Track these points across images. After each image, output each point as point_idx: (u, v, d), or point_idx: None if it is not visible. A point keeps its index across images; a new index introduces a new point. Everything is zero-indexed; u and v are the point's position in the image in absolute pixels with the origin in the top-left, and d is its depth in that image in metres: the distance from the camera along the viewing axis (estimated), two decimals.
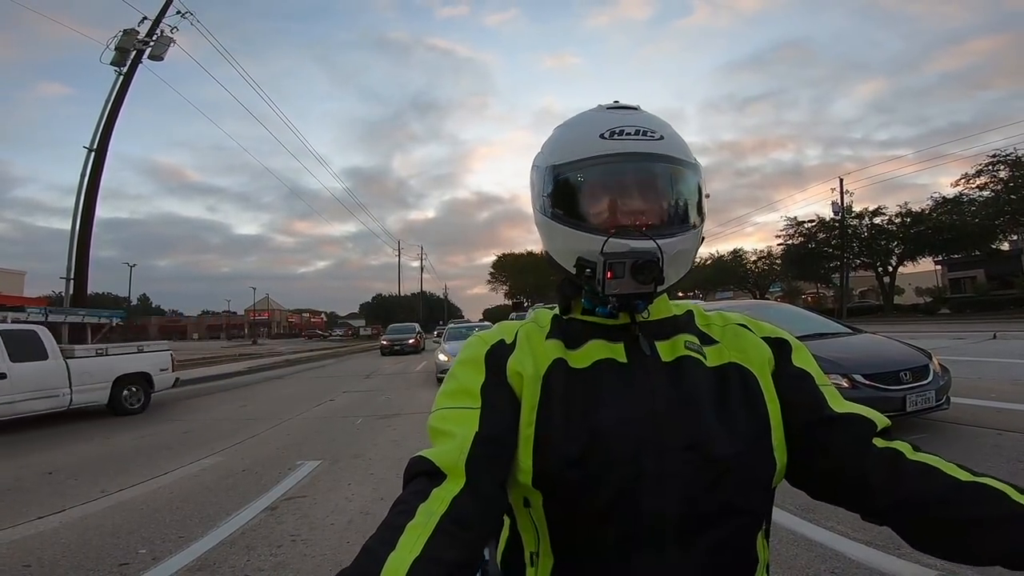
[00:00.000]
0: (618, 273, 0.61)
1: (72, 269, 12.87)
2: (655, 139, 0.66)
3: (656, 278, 0.61)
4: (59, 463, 5.21)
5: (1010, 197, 27.53)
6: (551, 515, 0.63)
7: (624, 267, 0.61)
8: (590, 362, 0.67)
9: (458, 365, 0.70)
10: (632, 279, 0.61)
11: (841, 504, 0.65)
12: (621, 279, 0.61)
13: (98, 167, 13.22)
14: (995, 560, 0.53)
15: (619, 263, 0.61)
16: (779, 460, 0.64)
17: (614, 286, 0.61)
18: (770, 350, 0.70)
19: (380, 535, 0.52)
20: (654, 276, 0.61)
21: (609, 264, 0.61)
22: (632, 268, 0.61)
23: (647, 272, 0.61)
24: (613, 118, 0.68)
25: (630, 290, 0.62)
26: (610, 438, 0.61)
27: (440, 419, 0.64)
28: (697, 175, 0.68)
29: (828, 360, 4.43)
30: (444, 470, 0.58)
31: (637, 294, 0.63)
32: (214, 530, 3.29)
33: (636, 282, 0.61)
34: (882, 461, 0.61)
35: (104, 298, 64.20)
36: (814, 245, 36.39)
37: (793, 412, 0.66)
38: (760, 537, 0.66)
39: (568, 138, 0.70)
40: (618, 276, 0.61)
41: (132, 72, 13.63)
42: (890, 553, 2.39)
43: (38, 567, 2.88)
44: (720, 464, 0.61)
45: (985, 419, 4.77)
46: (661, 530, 0.60)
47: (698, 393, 0.64)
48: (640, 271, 0.61)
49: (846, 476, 0.62)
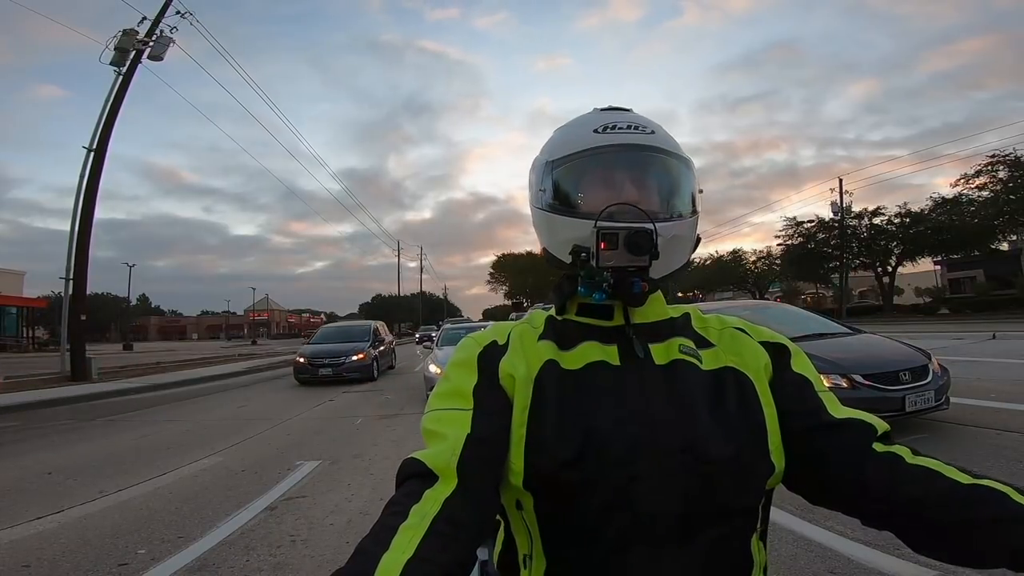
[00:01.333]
0: (611, 245, 0.61)
1: (71, 269, 12.88)
2: (646, 133, 0.69)
3: (650, 252, 0.61)
4: (58, 463, 5.20)
5: (1009, 197, 27.55)
6: (542, 517, 0.63)
7: (617, 238, 0.61)
8: (583, 364, 0.67)
9: (451, 366, 0.71)
10: (626, 251, 0.61)
11: (841, 509, 0.64)
12: (615, 250, 0.62)
13: (97, 167, 13.23)
14: (996, 562, 0.53)
15: (612, 234, 0.61)
16: (776, 463, 0.64)
17: (608, 258, 0.62)
18: (768, 355, 0.70)
19: (374, 536, 0.53)
20: (647, 250, 0.61)
21: (603, 235, 0.61)
22: (626, 240, 0.61)
23: (641, 245, 0.61)
24: (606, 116, 0.71)
25: (624, 262, 0.62)
26: (602, 440, 0.61)
27: (433, 421, 0.65)
28: (689, 169, 0.71)
29: (827, 360, 4.44)
30: (436, 472, 0.58)
31: (633, 270, 0.63)
32: (213, 530, 3.29)
33: (631, 255, 0.61)
34: (882, 466, 0.60)
35: (103, 298, 64.21)
36: (813, 245, 36.40)
37: (792, 418, 0.66)
38: (755, 539, 0.66)
39: (564, 137, 0.73)
40: (612, 248, 0.61)
41: (132, 72, 13.64)
42: (890, 553, 2.39)
43: (37, 567, 2.88)
44: (714, 466, 0.60)
45: (984, 419, 4.78)
46: (654, 532, 0.60)
47: (692, 396, 0.64)
48: (633, 244, 0.61)
49: (846, 481, 0.62)
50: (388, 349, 13.99)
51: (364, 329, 13.20)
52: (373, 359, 11.92)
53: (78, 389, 10.65)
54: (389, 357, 14.07)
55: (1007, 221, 28.56)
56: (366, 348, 11.89)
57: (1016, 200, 27.20)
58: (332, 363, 11.32)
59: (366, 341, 12.26)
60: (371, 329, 13.14)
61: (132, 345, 38.81)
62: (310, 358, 11.53)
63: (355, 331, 13.10)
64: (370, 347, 12.04)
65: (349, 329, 13.52)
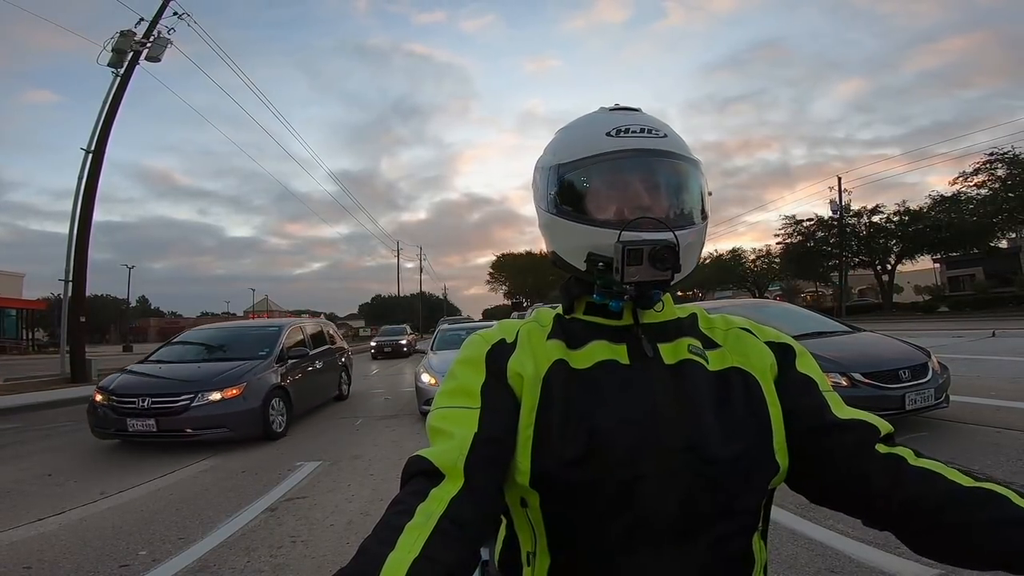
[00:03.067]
0: (636, 260, 0.62)
1: (71, 271, 12.86)
2: (659, 136, 0.68)
3: (673, 266, 0.62)
4: (59, 465, 5.21)
5: (1008, 195, 27.57)
6: (548, 515, 0.63)
7: (642, 254, 0.62)
8: (592, 363, 0.67)
9: (458, 364, 0.70)
10: (651, 267, 0.62)
11: (842, 509, 0.65)
12: (639, 266, 0.62)
13: (96, 168, 13.21)
14: (996, 564, 0.53)
15: (637, 250, 0.62)
16: (781, 463, 0.64)
17: (633, 273, 0.62)
18: (773, 355, 0.70)
19: (378, 535, 0.52)
20: (671, 264, 0.62)
21: (628, 251, 0.62)
22: (650, 255, 0.62)
23: (665, 260, 0.62)
24: (617, 118, 0.70)
25: (649, 277, 0.62)
26: (610, 439, 0.61)
27: (440, 419, 0.64)
28: (700, 172, 0.70)
29: (827, 359, 4.44)
30: (443, 470, 0.58)
31: (654, 283, 0.63)
32: (214, 531, 3.29)
33: (655, 269, 0.62)
34: (884, 467, 0.61)
35: (103, 300, 64.14)
36: (813, 244, 36.42)
37: (796, 418, 0.66)
38: (757, 538, 0.66)
39: (573, 138, 0.72)
40: (636, 263, 0.62)
41: (129, 73, 13.62)
42: (890, 552, 2.40)
43: (38, 568, 2.88)
44: (719, 466, 0.61)
45: (984, 417, 4.78)
46: (659, 530, 0.60)
47: (699, 396, 0.64)
48: (658, 259, 0.61)
49: (848, 481, 0.62)
50: (330, 364, 8.38)
51: (265, 335, 7.13)
52: (264, 396, 5.94)
53: (78, 391, 10.62)
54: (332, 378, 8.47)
55: (1006, 219, 28.57)
56: (248, 374, 5.98)
57: (1015, 198, 27.20)
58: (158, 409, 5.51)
59: (261, 358, 6.42)
60: (280, 334, 7.04)
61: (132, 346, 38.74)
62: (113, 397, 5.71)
63: (247, 338, 7.12)
64: (266, 370, 6.26)
65: (240, 333, 7.45)
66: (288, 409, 6.47)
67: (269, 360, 6.47)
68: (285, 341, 7.00)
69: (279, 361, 6.61)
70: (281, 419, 6.27)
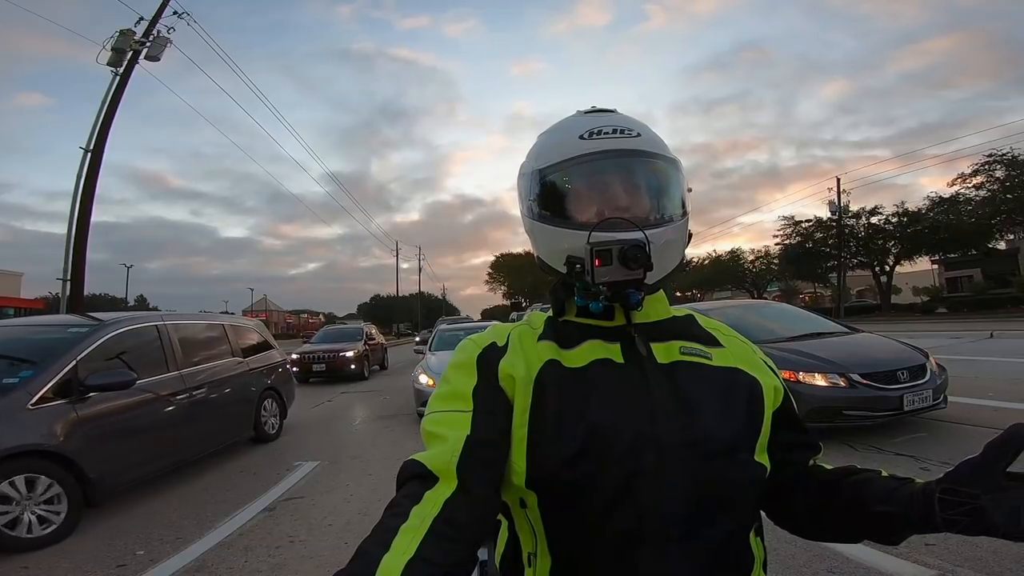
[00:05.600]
0: (606, 261, 0.61)
1: (68, 270, 12.82)
2: (632, 136, 0.68)
3: (645, 264, 0.61)
4: None
5: (1006, 196, 27.61)
6: (547, 515, 0.64)
7: (611, 255, 0.61)
8: (586, 362, 0.67)
9: (450, 369, 0.71)
10: (621, 266, 0.61)
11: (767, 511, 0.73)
12: (610, 267, 0.61)
13: (94, 168, 13.17)
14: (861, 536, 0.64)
15: (606, 251, 0.61)
16: (766, 464, 0.67)
17: (603, 274, 0.62)
18: (779, 381, 0.73)
19: (374, 537, 0.53)
20: (642, 263, 0.61)
21: (597, 252, 0.61)
22: (620, 255, 0.61)
23: (637, 259, 0.61)
24: (591, 120, 0.70)
25: (619, 277, 0.62)
26: (606, 436, 0.61)
27: (433, 422, 0.65)
28: (677, 170, 0.70)
29: (825, 359, 4.44)
30: (436, 473, 0.59)
31: (628, 282, 0.63)
32: (212, 531, 3.29)
33: (625, 269, 0.61)
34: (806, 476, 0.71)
35: (101, 299, 64.03)
36: (811, 244, 36.45)
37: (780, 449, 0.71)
38: (753, 535, 0.68)
39: (550, 143, 0.72)
40: (606, 264, 0.61)
41: (128, 73, 13.59)
42: (888, 552, 2.40)
43: (36, 569, 2.88)
44: (716, 462, 0.62)
45: (982, 418, 4.79)
46: (658, 528, 0.60)
47: (695, 393, 0.65)
48: (629, 258, 0.61)
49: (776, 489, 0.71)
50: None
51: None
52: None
53: None
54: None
55: (1004, 220, 28.61)
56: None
57: (1013, 199, 27.24)
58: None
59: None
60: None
61: None
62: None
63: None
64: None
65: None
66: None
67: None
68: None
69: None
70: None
